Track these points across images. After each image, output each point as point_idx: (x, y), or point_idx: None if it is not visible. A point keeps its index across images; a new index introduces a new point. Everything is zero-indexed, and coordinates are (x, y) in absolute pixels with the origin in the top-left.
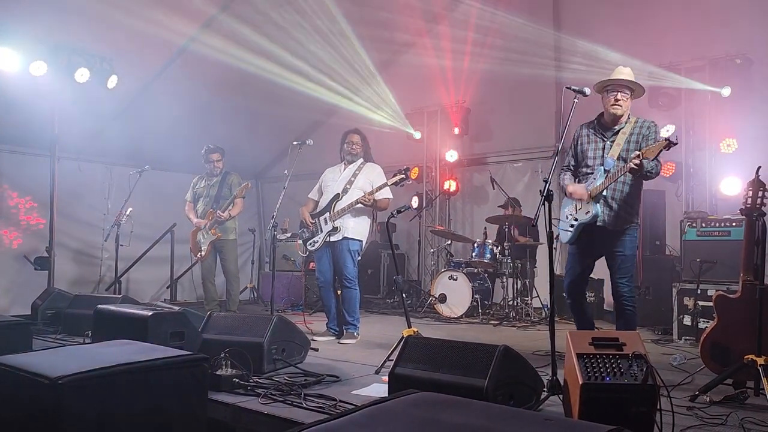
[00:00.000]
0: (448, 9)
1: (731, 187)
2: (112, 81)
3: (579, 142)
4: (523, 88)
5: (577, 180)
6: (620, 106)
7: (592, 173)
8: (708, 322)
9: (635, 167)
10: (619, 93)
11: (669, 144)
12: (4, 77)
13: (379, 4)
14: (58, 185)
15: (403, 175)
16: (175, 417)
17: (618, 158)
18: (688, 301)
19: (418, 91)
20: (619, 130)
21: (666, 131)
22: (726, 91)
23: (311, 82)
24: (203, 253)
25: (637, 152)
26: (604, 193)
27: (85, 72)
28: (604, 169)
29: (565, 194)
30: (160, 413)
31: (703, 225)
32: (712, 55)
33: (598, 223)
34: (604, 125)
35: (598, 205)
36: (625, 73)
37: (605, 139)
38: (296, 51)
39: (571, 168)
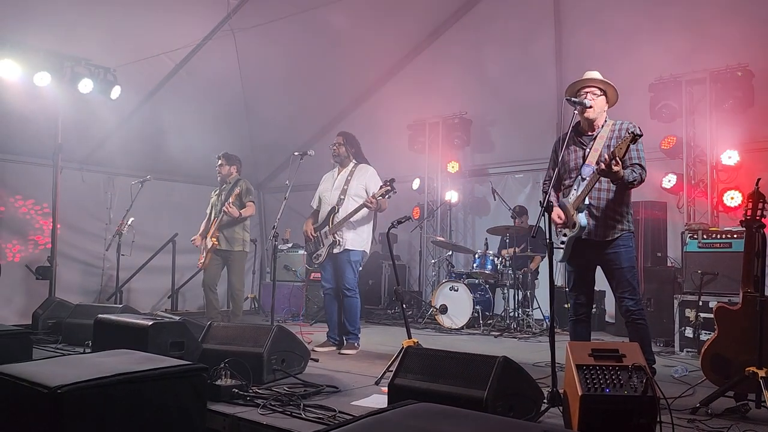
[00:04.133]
0: (450, 21)
1: (733, 199)
2: (116, 91)
3: (558, 154)
4: (525, 99)
5: (561, 194)
6: (592, 107)
7: (573, 184)
8: (710, 334)
9: (604, 168)
10: (589, 93)
11: (635, 137)
12: (9, 88)
13: (381, 15)
14: (61, 195)
15: (389, 187)
16: (174, 427)
17: (597, 164)
18: (690, 313)
19: (420, 103)
20: (596, 136)
21: (667, 143)
22: None
23: (314, 93)
24: (203, 261)
25: (607, 155)
26: (587, 202)
27: (89, 83)
28: (581, 178)
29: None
30: (159, 423)
31: (705, 236)
32: (713, 67)
33: (583, 236)
34: (582, 132)
35: (582, 215)
36: (594, 75)
37: (584, 147)
38: (298, 61)
39: (550, 181)
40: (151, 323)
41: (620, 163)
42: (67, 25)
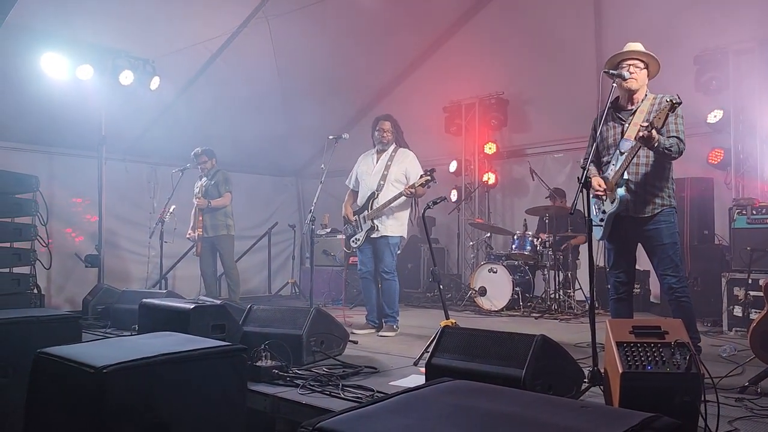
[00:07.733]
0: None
1: None
2: (155, 82)
3: (597, 131)
4: (563, 77)
5: (600, 171)
6: (634, 79)
7: (612, 160)
8: (759, 312)
9: (643, 137)
10: (630, 66)
11: (673, 105)
12: (54, 82)
13: None
14: (107, 186)
15: (429, 177)
16: (215, 405)
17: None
18: (738, 292)
19: (456, 84)
20: (636, 110)
21: (714, 117)
22: None
23: (348, 77)
24: (197, 249)
25: (646, 122)
26: (625, 176)
27: (129, 74)
28: (620, 152)
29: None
30: (201, 402)
31: (754, 212)
32: (762, 36)
33: (622, 213)
34: (621, 107)
35: (621, 190)
36: (636, 47)
37: (622, 122)
38: (332, 45)
39: (588, 158)
40: (192, 306)
41: (656, 132)
42: (106, 18)
